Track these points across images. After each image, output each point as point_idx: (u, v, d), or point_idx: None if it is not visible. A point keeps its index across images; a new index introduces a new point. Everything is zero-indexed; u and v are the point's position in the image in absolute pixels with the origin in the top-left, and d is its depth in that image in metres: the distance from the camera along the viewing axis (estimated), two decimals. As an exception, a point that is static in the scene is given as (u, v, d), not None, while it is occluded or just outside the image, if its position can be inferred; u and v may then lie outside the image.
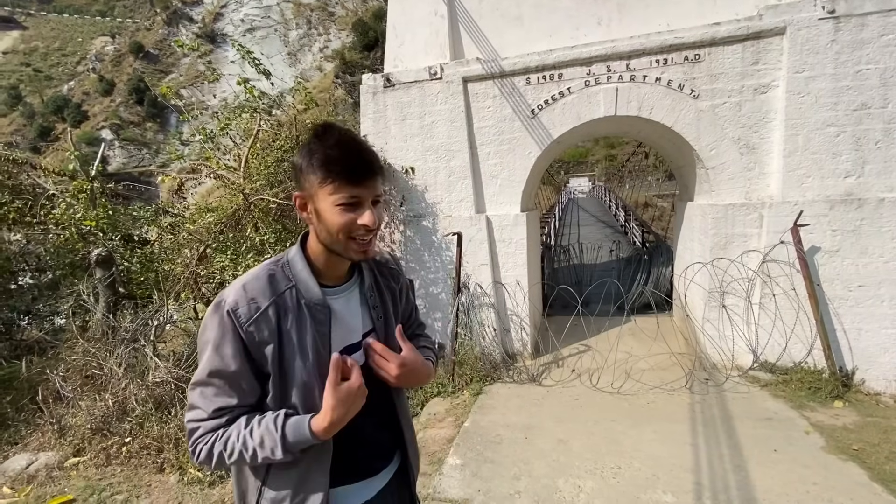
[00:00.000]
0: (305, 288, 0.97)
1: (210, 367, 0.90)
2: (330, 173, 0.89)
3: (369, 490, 1.08)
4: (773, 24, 4.37)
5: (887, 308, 4.14)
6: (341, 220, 0.91)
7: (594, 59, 4.90)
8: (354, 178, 0.90)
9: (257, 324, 0.90)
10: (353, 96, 49.05)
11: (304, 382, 0.94)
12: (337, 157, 0.89)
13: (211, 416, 0.91)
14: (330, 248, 0.96)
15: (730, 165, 4.67)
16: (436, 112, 5.42)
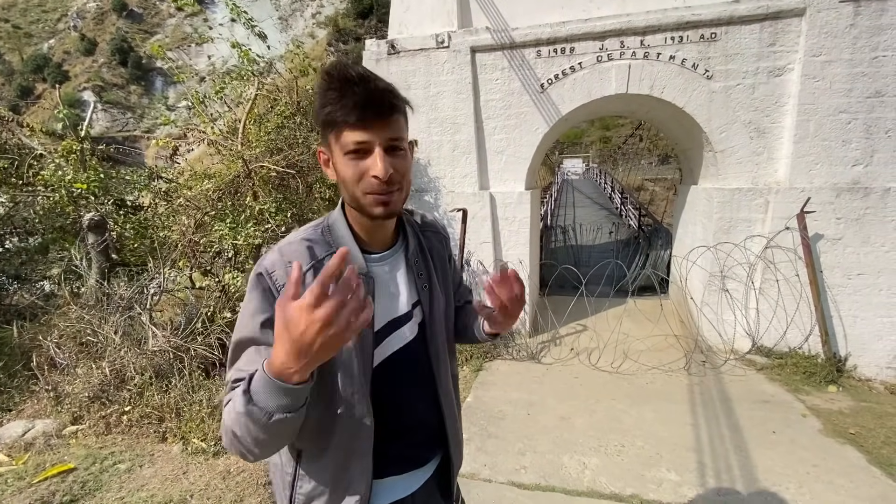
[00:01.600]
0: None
1: (243, 333, 0.80)
2: (329, 115, 0.77)
3: (415, 481, 0.99)
4: (793, 4, 4.25)
5: (884, 297, 4.20)
6: (350, 171, 0.79)
7: (608, 34, 4.75)
8: (356, 119, 0.75)
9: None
10: (346, 65, 47.88)
11: (343, 361, 0.83)
12: (336, 97, 0.75)
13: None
14: (354, 207, 0.86)
15: (739, 149, 4.62)
16: (441, 83, 5.24)
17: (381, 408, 0.89)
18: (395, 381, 0.91)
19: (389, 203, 0.82)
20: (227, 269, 3.96)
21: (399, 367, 0.92)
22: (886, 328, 4.21)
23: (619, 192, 16.34)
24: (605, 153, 40.81)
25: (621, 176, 24.00)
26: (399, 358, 0.92)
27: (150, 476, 2.45)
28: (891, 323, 4.20)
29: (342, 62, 0.78)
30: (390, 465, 0.93)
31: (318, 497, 0.88)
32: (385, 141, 0.79)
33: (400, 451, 0.94)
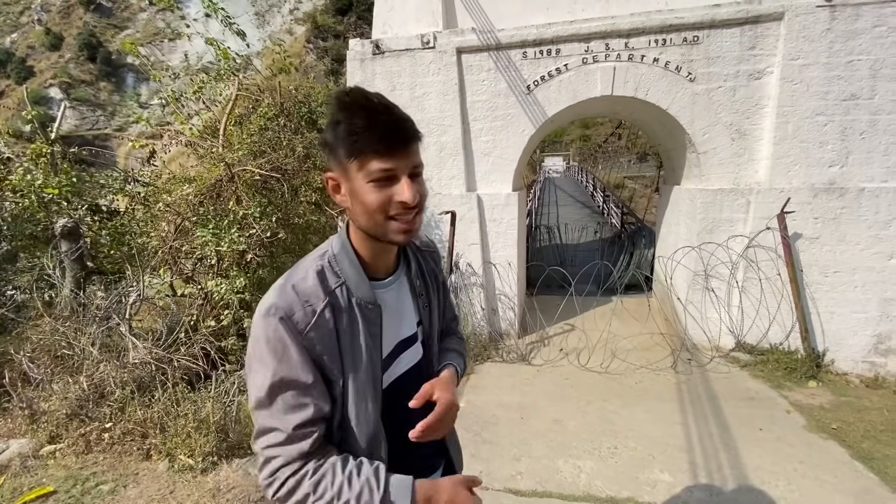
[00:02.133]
0: (355, 285, 0.87)
1: (274, 380, 0.78)
2: (356, 145, 0.77)
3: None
4: (772, 8, 4.35)
5: (859, 293, 4.35)
6: (376, 198, 0.79)
7: (593, 36, 4.78)
8: (385, 149, 0.77)
9: (316, 328, 0.81)
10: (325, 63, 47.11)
11: (358, 389, 0.86)
12: (363, 126, 0.76)
13: (292, 438, 0.79)
14: (370, 234, 0.85)
15: (721, 151, 4.72)
16: (427, 83, 5.20)
17: (391, 425, 0.93)
18: (402, 399, 0.93)
19: (412, 229, 0.84)
20: (210, 275, 3.85)
21: (405, 385, 0.95)
22: (861, 323, 4.36)
23: (601, 191, 16.56)
24: (586, 151, 41.32)
25: (602, 174, 24.33)
26: (406, 377, 0.96)
27: (136, 497, 2.35)
28: (865, 318, 4.35)
29: (360, 90, 0.79)
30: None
31: None
32: (410, 168, 0.81)
33: (410, 465, 0.94)
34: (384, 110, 0.78)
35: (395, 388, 0.94)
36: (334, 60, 45.76)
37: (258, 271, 3.95)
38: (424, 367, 1.01)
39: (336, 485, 0.78)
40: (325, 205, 4.71)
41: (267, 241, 3.87)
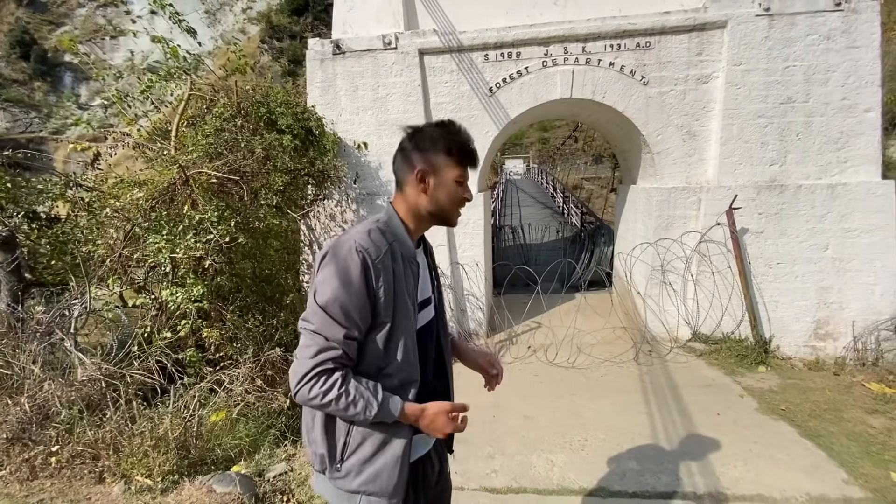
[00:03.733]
0: (403, 243, 1.14)
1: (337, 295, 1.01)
2: (461, 158, 1.16)
3: (428, 443, 1.23)
4: (717, 17, 4.62)
5: (799, 283, 4.68)
6: (457, 192, 1.17)
7: (552, 40, 4.90)
8: (471, 163, 1.18)
9: (383, 262, 1.05)
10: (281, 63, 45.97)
11: (407, 323, 1.10)
12: (465, 148, 1.16)
13: (339, 343, 1.01)
14: (434, 214, 1.17)
15: (673, 151, 4.95)
16: (390, 84, 5.16)
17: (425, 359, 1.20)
18: (422, 348, 1.16)
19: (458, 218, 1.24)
20: (164, 284, 3.64)
21: (425, 337, 1.19)
22: (801, 311, 4.69)
23: (560, 192, 16.99)
24: (545, 154, 42.30)
25: (560, 175, 24.99)
26: (425, 330, 1.20)
27: (87, 523, 2.18)
28: (805, 306, 4.68)
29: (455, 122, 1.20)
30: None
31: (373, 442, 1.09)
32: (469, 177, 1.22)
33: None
34: (471, 141, 1.19)
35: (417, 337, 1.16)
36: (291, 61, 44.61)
37: (216, 278, 3.77)
38: (435, 327, 1.26)
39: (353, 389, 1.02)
40: (286, 208, 4.57)
41: (225, 247, 3.71)
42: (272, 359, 3.57)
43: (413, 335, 1.11)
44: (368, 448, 1.08)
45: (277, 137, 4.49)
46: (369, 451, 1.08)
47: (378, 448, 1.08)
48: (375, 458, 1.08)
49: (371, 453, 1.08)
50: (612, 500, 2.43)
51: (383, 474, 1.08)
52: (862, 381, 3.77)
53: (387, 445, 1.09)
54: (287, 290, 4.26)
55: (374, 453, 1.08)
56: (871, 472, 2.57)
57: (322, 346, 1.01)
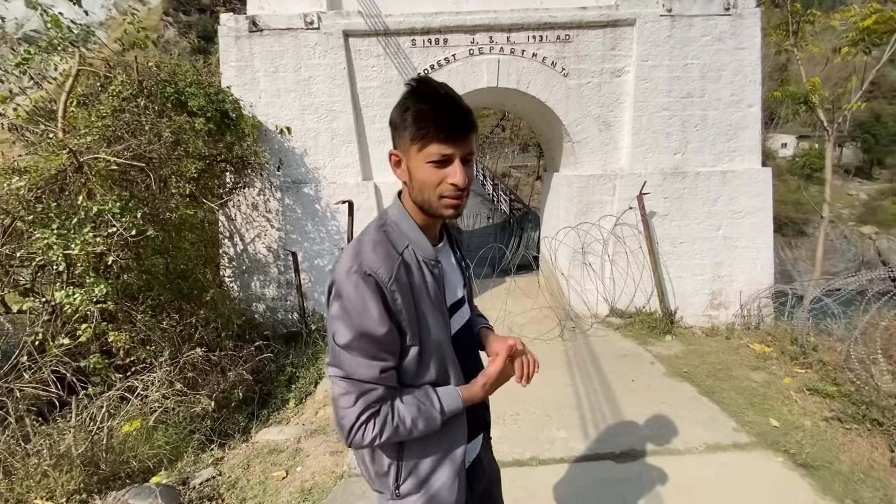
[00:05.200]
0: (419, 245, 0.96)
1: (361, 330, 0.88)
2: (421, 129, 0.86)
3: (478, 444, 1.15)
4: (627, 14, 4.96)
5: (698, 260, 5.25)
6: (431, 177, 0.89)
7: (478, 28, 4.97)
8: (446, 135, 0.86)
9: (397, 283, 0.89)
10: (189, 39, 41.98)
11: (439, 339, 0.97)
12: (429, 113, 0.86)
13: (376, 381, 0.91)
14: (422, 207, 0.95)
15: (591, 140, 5.28)
16: (314, 66, 4.94)
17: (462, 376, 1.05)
18: (460, 352, 1.04)
19: (459, 206, 0.93)
20: (58, 284, 3.22)
21: (461, 341, 1.06)
22: (699, 285, 5.28)
23: (490, 180, 17.42)
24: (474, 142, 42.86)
25: (489, 164, 25.60)
26: (461, 334, 1.07)
27: (-28, 559, 1.91)
28: (703, 280, 5.27)
29: (429, 79, 0.89)
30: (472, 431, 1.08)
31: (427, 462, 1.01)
32: (463, 154, 0.90)
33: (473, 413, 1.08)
34: (449, 101, 0.87)
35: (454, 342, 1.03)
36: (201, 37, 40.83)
37: (123, 276, 3.42)
38: (470, 329, 1.13)
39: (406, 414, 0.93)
40: (201, 197, 4.24)
41: (132, 241, 3.36)
42: (192, 360, 3.33)
43: (449, 345, 1.00)
44: (425, 468, 1.01)
45: (188, 120, 4.13)
46: (425, 471, 1.01)
47: (434, 466, 1.01)
48: (433, 477, 1.02)
49: (428, 472, 1.01)
50: (542, 467, 2.60)
51: (443, 492, 1.02)
52: (747, 342, 4.35)
53: (442, 462, 1.02)
54: (206, 286, 3.97)
55: (430, 472, 1.01)
56: (754, 420, 2.99)
57: (360, 391, 0.91)
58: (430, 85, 0.88)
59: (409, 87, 0.90)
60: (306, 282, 5.05)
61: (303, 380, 4.05)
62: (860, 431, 2.77)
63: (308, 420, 3.38)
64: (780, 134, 33.74)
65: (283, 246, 5.01)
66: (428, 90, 0.87)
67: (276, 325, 4.96)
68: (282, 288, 5.08)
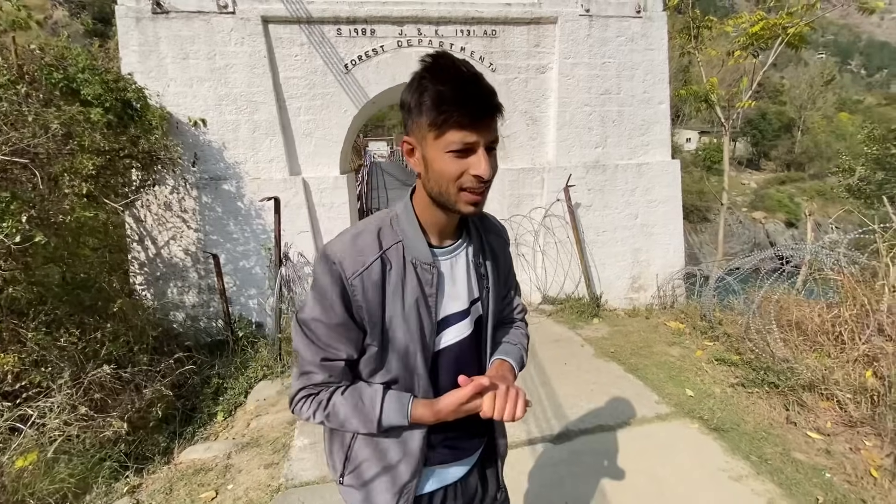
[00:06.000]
0: (412, 245, 0.88)
1: (313, 314, 0.87)
2: (441, 115, 0.74)
3: (459, 471, 1.05)
4: (549, 13, 5.14)
5: (619, 247, 5.62)
6: (451, 168, 0.78)
7: (405, 20, 4.90)
8: (469, 121, 0.75)
9: (361, 278, 0.84)
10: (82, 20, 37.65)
11: (406, 347, 0.89)
12: (449, 96, 0.74)
13: (317, 367, 0.89)
14: (437, 201, 0.84)
15: (520, 135, 5.44)
16: (230, 54, 4.59)
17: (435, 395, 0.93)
18: (445, 371, 0.95)
19: (481, 201, 0.83)
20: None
21: (450, 358, 0.96)
22: (622, 270, 5.66)
23: (424, 173, 17.40)
24: (407, 136, 42.60)
25: (424, 157, 25.56)
26: (451, 351, 0.96)
27: None
28: (624, 266, 5.66)
29: (448, 55, 0.77)
30: (438, 453, 0.99)
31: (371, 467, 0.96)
32: (487, 142, 0.78)
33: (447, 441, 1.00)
34: (472, 80, 0.75)
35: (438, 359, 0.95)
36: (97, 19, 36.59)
37: (7, 290, 2.96)
38: (470, 347, 0.99)
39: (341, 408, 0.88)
40: (102, 197, 3.79)
41: (16, 249, 2.92)
42: (99, 379, 2.98)
43: (421, 357, 0.90)
44: (368, 471, 0.97)
45: (82, 111, 3.67)
46: (368, 474, 0.97)
47: (377, 474, 0.96)
48: (373, 483, 0.97)
49: (370, 477, 0.97)
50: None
51: (379, 499, 0.96)
52: (664, 321, 4.74)
53: (383, 475, 0.96)
54: (113, 297, 3.57)
55: (372, 478, 0.97)
56: (673, 391, 3.27)
57: (303, 369, 0.90)
58: (449, 61, 0.77)
59: (424, 65, 0.78)
60: (231, 286, 4.72)
61: (231, 390, 3.79)
62: (760, 394, 3.12)
63: (239, 433, 3.17)
64: (684, 129, 37.14)
65: (203, 248, 4.64)
66: (447, 68, 0.76)
67: (199, 334, 4.59)
68: (203, 294, 4.70)
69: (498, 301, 1.03)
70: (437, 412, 0.87)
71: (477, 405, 0.84)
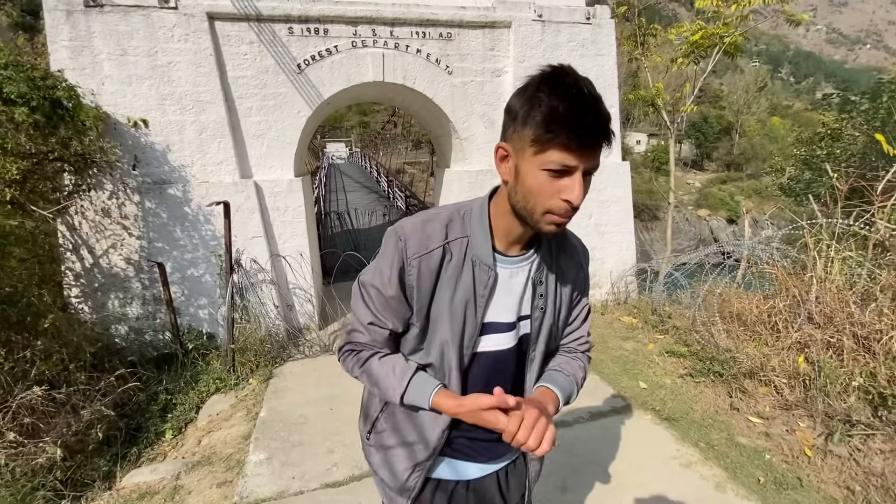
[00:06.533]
0: (477, 243, 0.89)
1: (372, 280, 0.93)
2: (548, 132, 0.71)
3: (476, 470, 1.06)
4: (503, 17, 5.22)
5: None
6: (544, 188, 0.75)
7: (360, 20, 4.82)
8: (576, 145, 0.71)
9: (419, 261, 0.88)
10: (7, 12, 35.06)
11: (445, 338, 0.92)
12: (563, 115, 0.70)
13: (364, 328, 0.95)
14: (519, 214, 0.83)
15: (478, 137, 5.48)
16: (174, 51, 4.36)
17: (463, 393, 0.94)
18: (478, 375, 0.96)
19: (565, 223, 0.81)
20: None
21: (486, 365, 0.96)
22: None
23: (384, 176, 17.26)
24: (366, 138, 42.27)
25: (383, 160, 25.38)
26: (488, 357, 0.96)
27: None
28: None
29: (572, 71, 0.74)
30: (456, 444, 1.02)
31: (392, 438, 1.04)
32: (587, 168, 0.75)
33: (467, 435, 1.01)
34: (592, 102, 0.72)
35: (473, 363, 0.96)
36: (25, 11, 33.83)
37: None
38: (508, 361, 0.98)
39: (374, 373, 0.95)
40: (30, 204, 3.49)
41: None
42: (30, 402, 2.74)
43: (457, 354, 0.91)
44: (391, 439, 1.04)
45: (5, 110, 3.37)
46: (389, 443, 1.04)
47: (398, 444, 1.03)
48: (393, 451, 1.04)
49: (392, 445, 1.04)
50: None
51: (397, 467, 1.03)
52: (618, 316, 4.92)
53: (406, 447, 1.02)
54: (44, 311, 3.29)
55: (392, 447, 1.04)
56: (628, 385, 3.39)
57: (354, 327, 0.98)
58: (572, 79, 0.73)
59: (543, 75, 0.75)
60: (179, 295, 4.47)
61: (181, 406, 3.60)
62: (707, 384, 3.30)
63: (189, 451, 3.00)
64: (635, 132, 38.89)
65: (147, 257, 4.37)
66: (568, 84, 0.72)
67: (144, 347, 4.32)
68: (148, 305, 4.43)
69: (552, 325, 0.99)
70: (458, 408, 0.85)
71: (497, 421, 0.78)
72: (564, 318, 1.03)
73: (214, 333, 4.56)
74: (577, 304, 1.05)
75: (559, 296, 0.99)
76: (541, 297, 0.95)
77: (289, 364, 4.19)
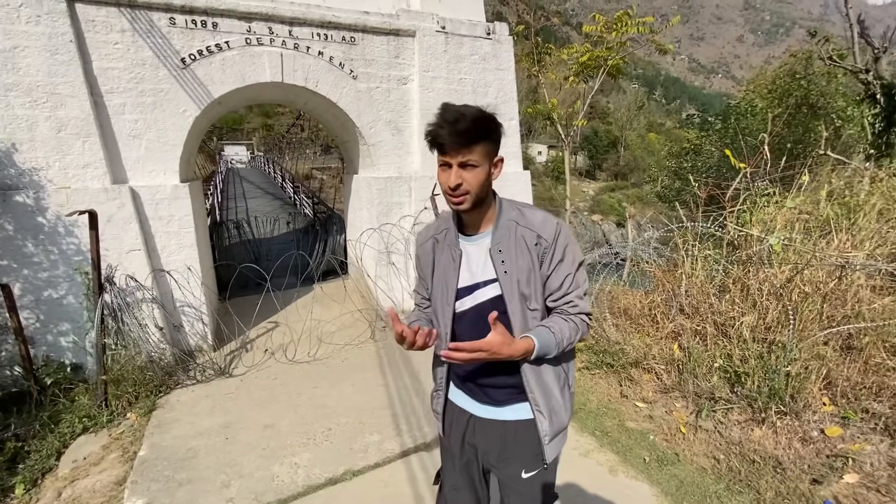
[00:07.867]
0: (450, 232, 1.29)
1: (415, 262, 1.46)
2: (431, 144, 1.14)
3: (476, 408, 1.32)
4: (407, 25, 5.25)
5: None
6: (440, 178, 1.16)
7: (254, 16, 4.52)
8: (442, 148, 1.12)
9: (422, 248, 1.38)
10: None
11: (438, 300, 1.31)
12: (434, 130, 1.11)
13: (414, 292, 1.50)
14: None
15: (385, 143, 5.43)
16: (20, 34, 3.70)
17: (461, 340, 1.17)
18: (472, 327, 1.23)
19: (460, 203, 1.16)
20: None
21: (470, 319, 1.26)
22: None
23: (290, 182, 16.38)
24: (270, 141, 39.88)
25: (289, 165, 24.12)
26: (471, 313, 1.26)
27: None
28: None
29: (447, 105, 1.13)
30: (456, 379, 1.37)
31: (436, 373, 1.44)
32: (458, 162, 1.12)
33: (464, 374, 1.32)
34: (453, 120, 1.09)
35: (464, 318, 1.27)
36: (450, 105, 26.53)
37: None
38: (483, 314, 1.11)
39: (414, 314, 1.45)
40: None
41: None
42: None
43: (445, 313, 1.28)
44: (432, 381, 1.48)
45: None
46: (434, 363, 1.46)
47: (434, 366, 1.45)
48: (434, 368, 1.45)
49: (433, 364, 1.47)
50: (356, 479, 2.53)
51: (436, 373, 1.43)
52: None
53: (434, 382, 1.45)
54: None
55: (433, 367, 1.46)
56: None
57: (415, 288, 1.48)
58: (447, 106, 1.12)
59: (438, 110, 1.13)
60: (32, 321, 3.77)
61: (36, 454, 3.04)
62: (601, 375, 3.58)
63: (44, 508, 2.52)
64: (536, 143, 41.63)
65: (-14, 277, 3.62)
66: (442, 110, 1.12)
67: (-17, 387, 3.57)
68: (-12, 335, 3.67)
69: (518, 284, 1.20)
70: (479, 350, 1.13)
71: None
72: (526, 279, 1.21)
73: (81, 364, 3.92)
74: (553, 271, 1.23)
75: (518, 261, 1.21)
76: (502, 263, 1.22)
77: (177, 392, 3.73)
